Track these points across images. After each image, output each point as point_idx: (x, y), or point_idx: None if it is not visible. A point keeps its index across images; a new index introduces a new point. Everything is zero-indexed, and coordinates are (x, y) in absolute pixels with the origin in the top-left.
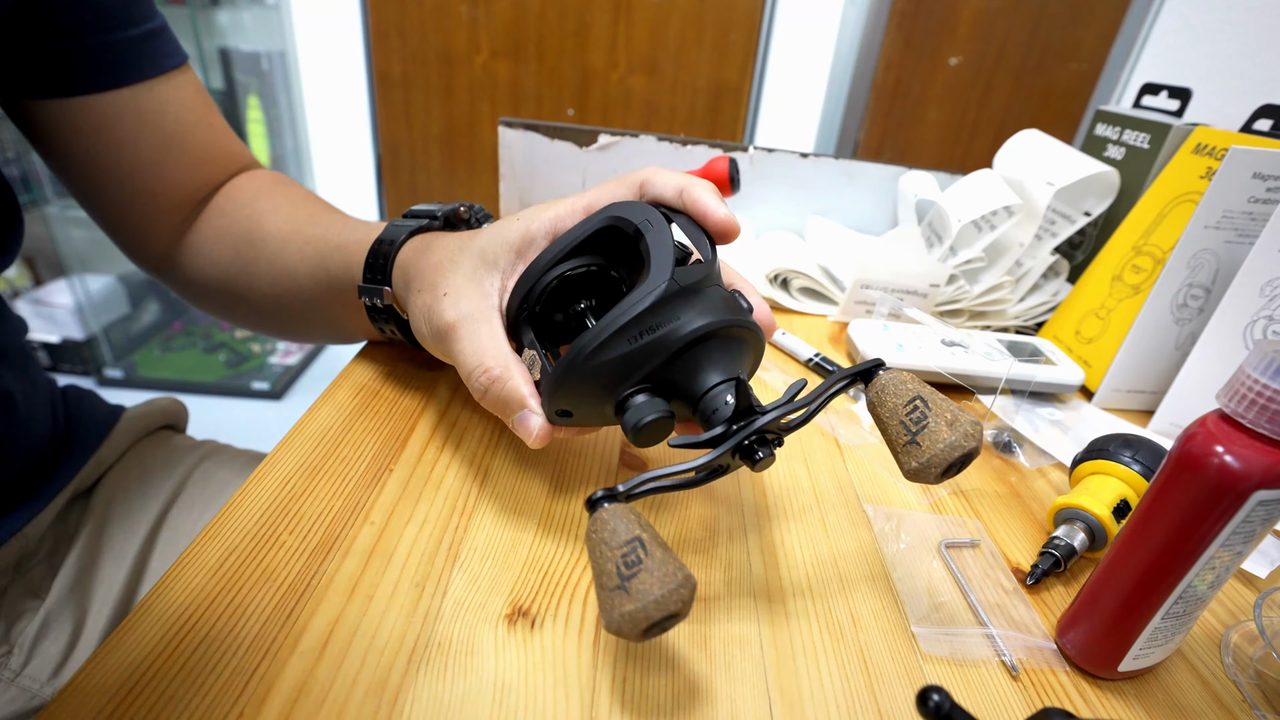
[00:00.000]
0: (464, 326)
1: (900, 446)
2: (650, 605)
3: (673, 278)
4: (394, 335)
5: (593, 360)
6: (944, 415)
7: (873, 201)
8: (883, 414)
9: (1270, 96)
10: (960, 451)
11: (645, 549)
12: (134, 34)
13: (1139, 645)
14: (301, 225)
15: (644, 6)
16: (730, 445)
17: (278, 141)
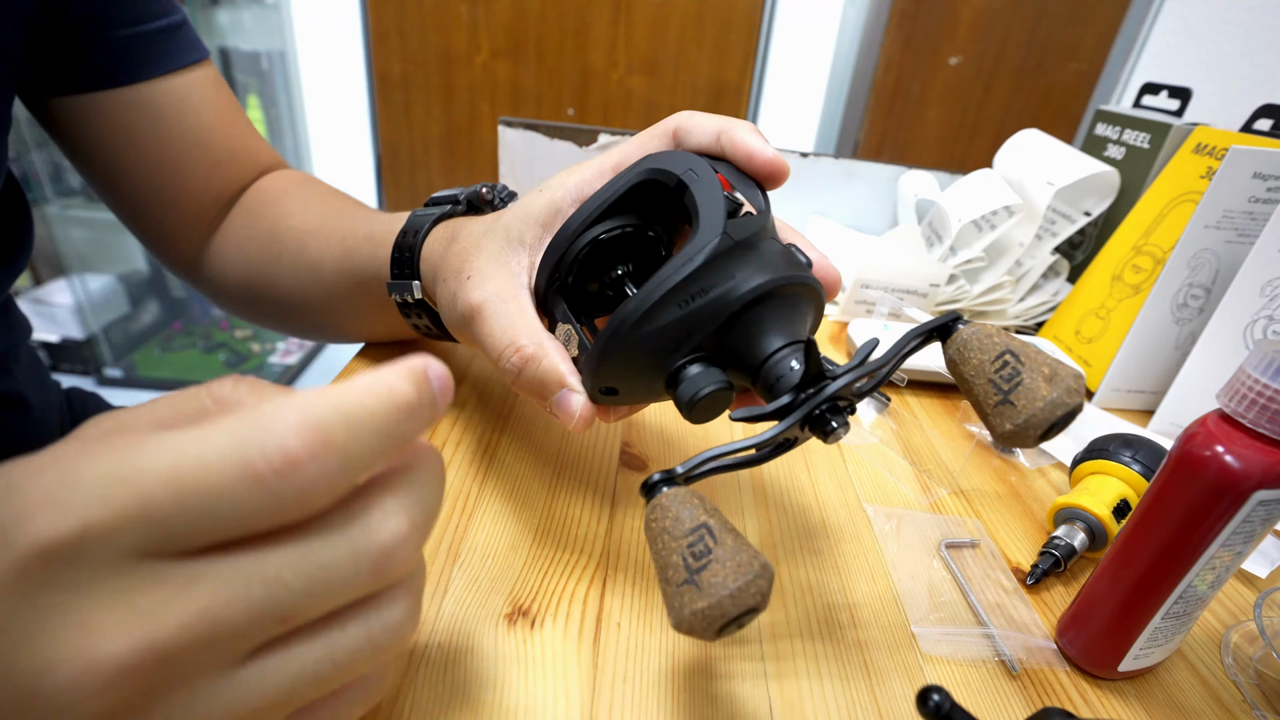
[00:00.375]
0: (490, 306)
1: (990, 407)
2: (725, 600)
3: (726, 232)
4: (429, 328)
5: (640, 329)
6: (1040, 369)
7: (873, 201)
8: (966, 372)
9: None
10: (1064, 409)
11: (714, 536)
12: (152, 28)
13: (1139, 645)
14: (326, 218)
15: (644, 6)
16: (800, 415)
17: (278, 141)
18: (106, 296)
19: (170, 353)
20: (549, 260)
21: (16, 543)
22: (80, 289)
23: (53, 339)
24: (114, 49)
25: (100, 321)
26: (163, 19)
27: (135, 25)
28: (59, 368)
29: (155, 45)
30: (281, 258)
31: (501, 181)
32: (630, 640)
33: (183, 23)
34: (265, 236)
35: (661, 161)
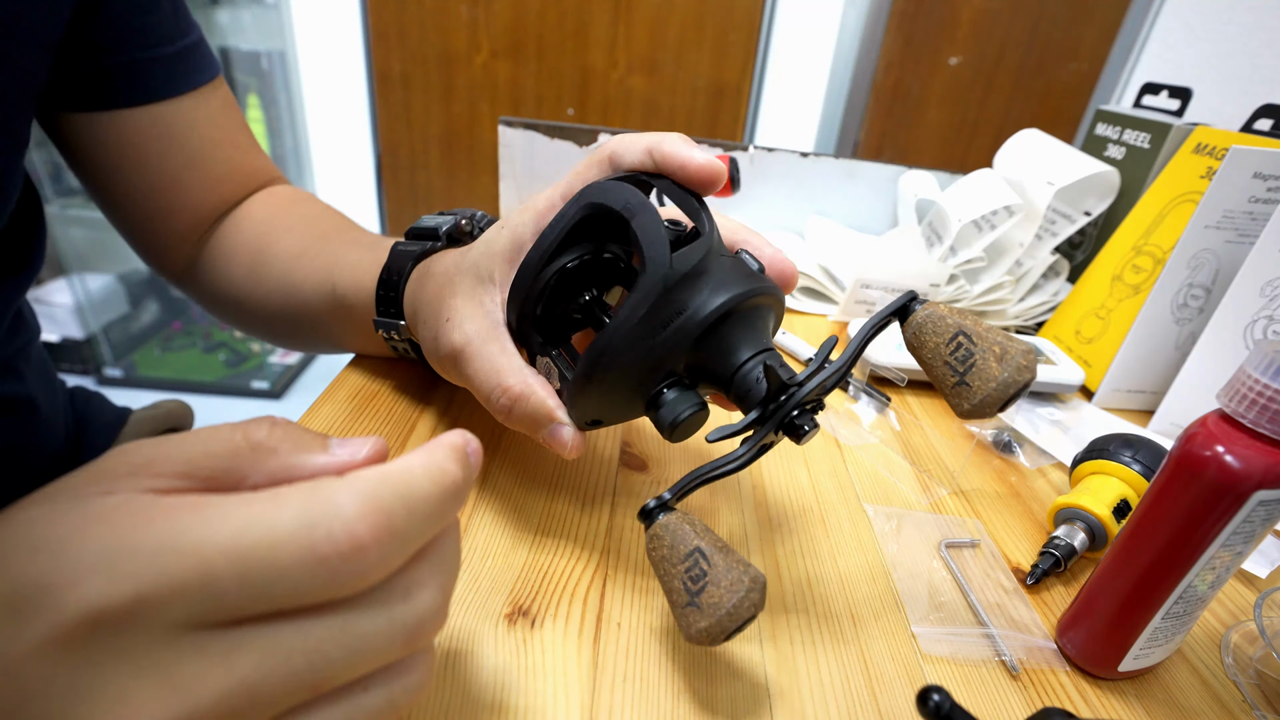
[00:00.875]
0: (472, 348)
1: (949, 388)
2: (724, 618)
3: (671, 265)
4: (407, 352)
5: (612, 367)
6: (991, 349)
7: (873, 201)
8: (924, 355)
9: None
10: (1015, 387)
11: (707, 559)
12: (171, 51)
13: (1139, 645)
14: (312, 243)
15: (644, 6)
16: (772, 426)
17: (278, 141)
18: (106, 296)
19: (170, 352)
20: (515, 297)
21: (67, 606)
22: (80, 289)
23: (53, 339)
24: (132, 70)
25: (100, 321)
26: (183, 39)
27: (155, 48)
28: (59, 367)
29: (171, 67)
30: (266, 281)
31: (501, 182)
32: (630, 640)
33: (198, 43)
34: (251, 259)
35: (598, 196)
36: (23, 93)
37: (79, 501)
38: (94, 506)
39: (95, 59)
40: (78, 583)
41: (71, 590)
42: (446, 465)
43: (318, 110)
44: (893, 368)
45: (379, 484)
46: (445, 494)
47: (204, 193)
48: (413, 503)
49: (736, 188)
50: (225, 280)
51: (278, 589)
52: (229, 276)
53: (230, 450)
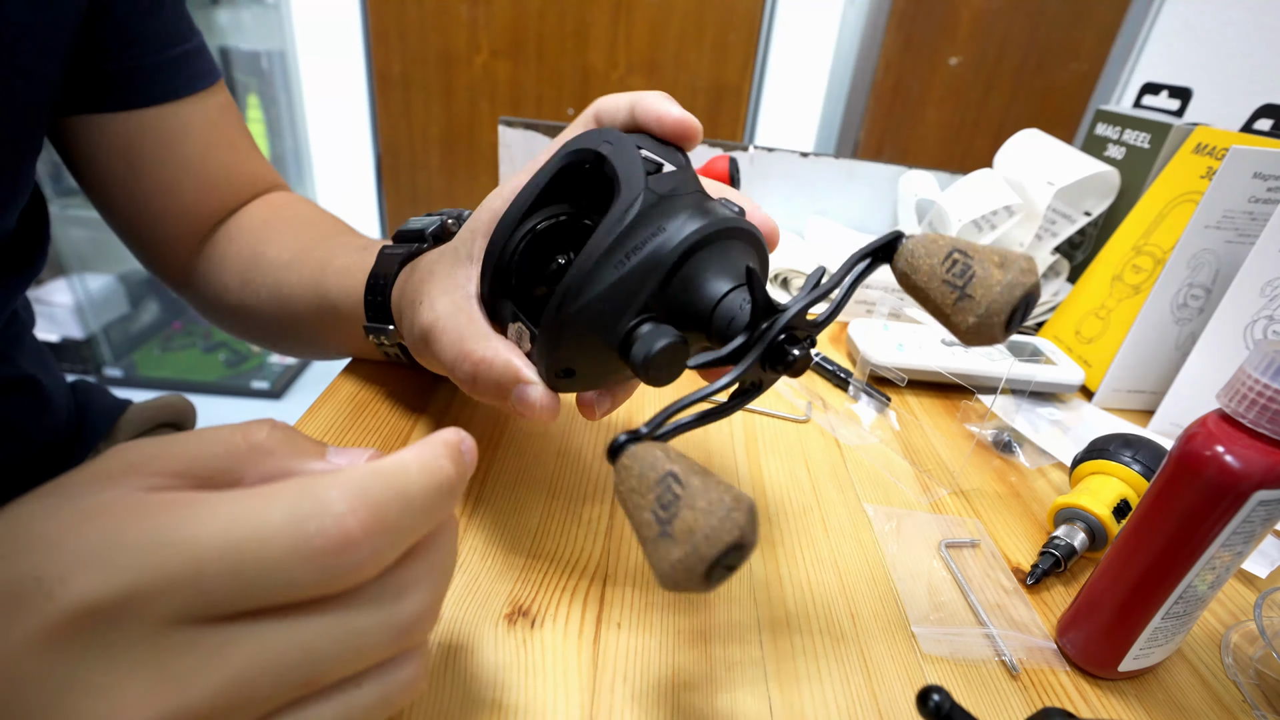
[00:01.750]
0: (440, 323)
1: (950, 306)
2: (701, 544)
3: (648, 187)
4: (399, 357)
5: (581, 300)
6: (990, 258)
7: (873, 201)
8: (918, 281)
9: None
10: (1021, 290)
11: (681, 481)
12: (170, 55)
13: (1139, 645)
14: (302, 250)
15: (644, 6)
16: (758, 352)
17: (278, 141)
18: (106, 296)
19: (170, 352)
20: (489, 262)
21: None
22: (80, 288)
23: (53, 338)
24: (132, 74)
25: (100, 321)
26: (184, 44)
27: (156, 53)
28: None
29: (171, 71)
30: (260, 289)
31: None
32: (630, 640)
33: (200, 47)
34: (245, 267)
35: (579, 142)
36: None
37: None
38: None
39: (97, 63)
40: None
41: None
42: (440, 461)
43: (318, 110)
44: (893, 368)
45: (371, 479)
46: (438, 489)
47: (201, 197)
48: (405, 498)
49: (736, 188)
50: (220, 288)
51: (268, 583)
52: (223, 284)
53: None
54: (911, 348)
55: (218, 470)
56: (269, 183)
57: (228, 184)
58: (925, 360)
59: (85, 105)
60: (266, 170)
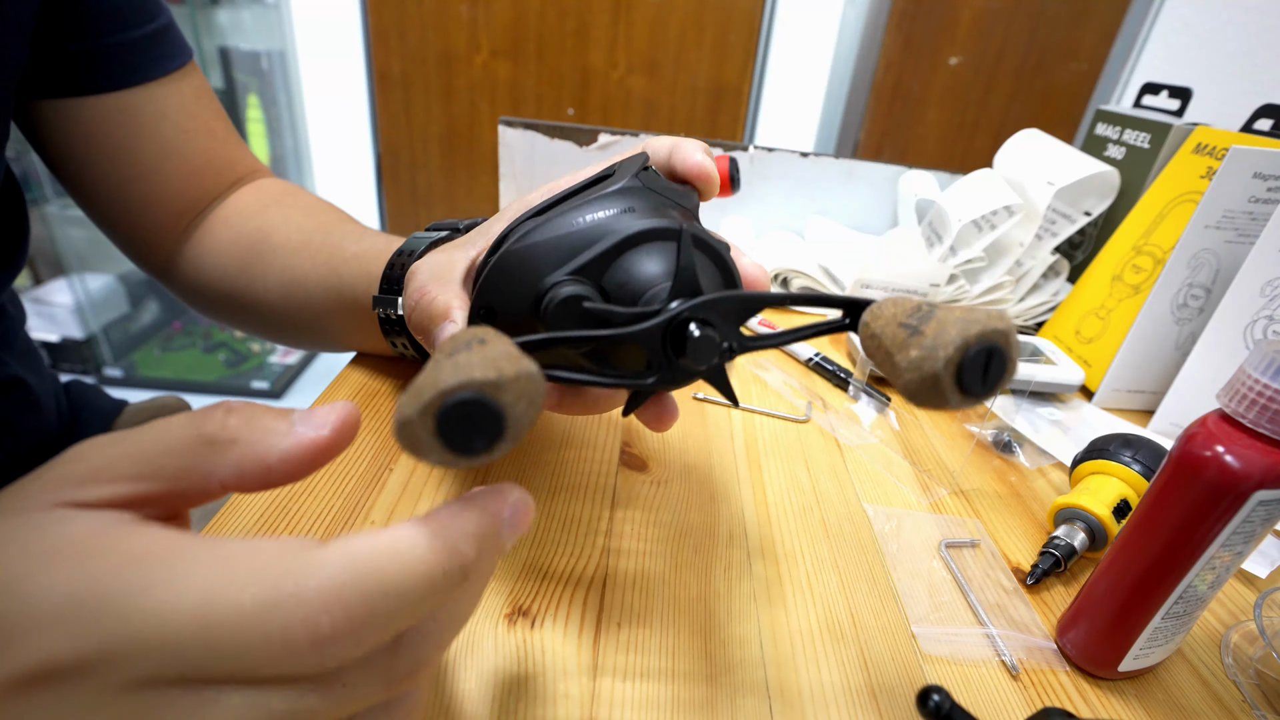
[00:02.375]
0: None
1: (897, 346)
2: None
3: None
4: (405, 349)
5: (524, 241)
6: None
7: (873, 201)
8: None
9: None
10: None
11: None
12: (138, 35)
13: (1139, 645)
14: (313, 235)
15: (644, 6)
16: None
17: (277, 141)
18: (106, 296)
19: (170, 352)
20: None
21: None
22: (80, 289)
23: (52, 339)
24: (98, 55)
25: (100, 321)
26: (151, 24)
27: (123, 31)
28: (59, 367)
29: (140, 52)
30: (267, 274)
31: (501, 182)
32: (630, 640)
33: (169, 26)
34: (247, 251)
35: None
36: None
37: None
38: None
39: (61, 44)
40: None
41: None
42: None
43: (318, 110)
44: None
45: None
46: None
47: (181, 183)
48: (391, 595)
49: (736, 188)
50: (217, 273)
51: (240, 663)
52: (221, 269)
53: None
54: None
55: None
56: (251, 168)
57: (209, 169)
58: None
59: (53, 89)
60: (246, 154)
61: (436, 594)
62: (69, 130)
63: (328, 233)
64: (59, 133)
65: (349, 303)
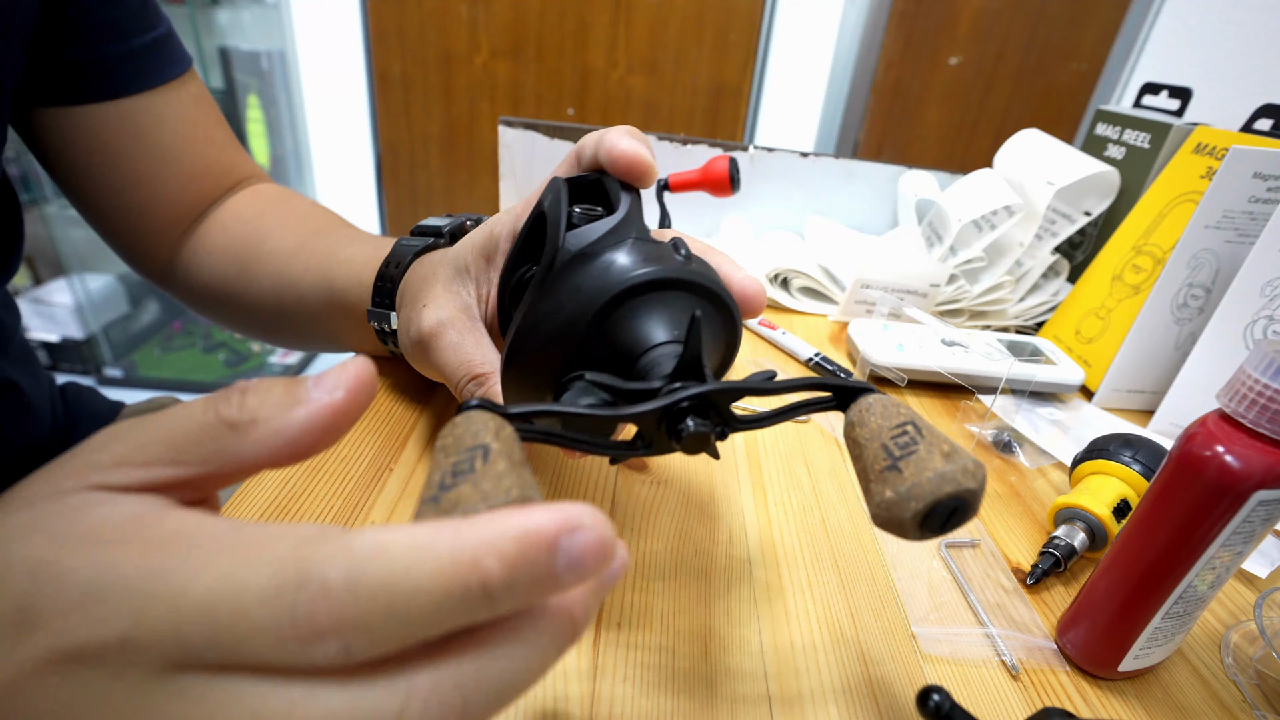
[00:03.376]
0: (445, 333)
1: (875, 473)
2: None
3: (561, 245)
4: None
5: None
6: (940, 445)
7: (873, 201)
8: (861, 435)
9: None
10: (953, 487)
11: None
12: (137, 44)
13: (1139, 645)
14: (307, 239)
15: (644, 6)
16: (657, 405)
17: (277, 141)
18: (106, 296)
19: (170, 352)
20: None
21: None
22: (80, 289)
23: (53, 339)
24: (100, 64)
25: (100, 321)
26: (149, 33)
27: (122, 41)
28: (59, 367)
29: (140, 60)
30: (261, 278)
31: (501, 182)
32: (630, 641)
33: (168, 35)
34: (243, 255)
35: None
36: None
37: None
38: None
39: (62, 52)
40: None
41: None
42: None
43: (318, 110)
44: (893, 368)
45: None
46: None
47: (179, 189)
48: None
49: (736, 188)
50: (215, 277)
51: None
52: (218, 273)
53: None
54: (911, 348)
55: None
56: (248, 173)
57: (208, 174)
58: (925, 360)
59: (54, 97)
60: (245, 160)
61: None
62: (69, 137)
63: (320, 236)
64: (59, 140)
65: (341, 307)
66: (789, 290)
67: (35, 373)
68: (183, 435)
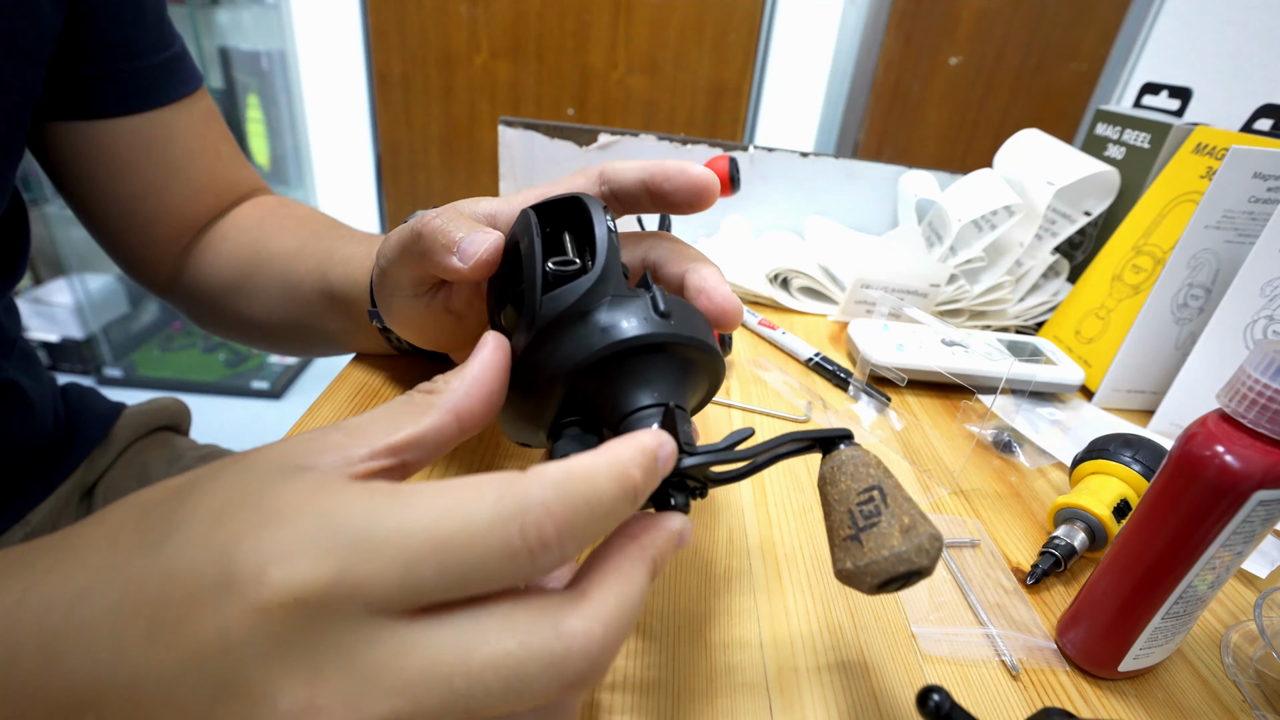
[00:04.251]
0: None
1: (839, 540)
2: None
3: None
4: (400, 343)
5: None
6: (900, 518)
7: (873, 201)
8: (831, 495)
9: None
10: (906, 566)
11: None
12: (153, 62)
13: (1139, 645)
14: (306, 240)
15: (644, 6)
16: None
17: (277, 141)
18: (106, 296)
19: (170, 352)
20: None
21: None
22: (80, 289)
23: (52, 339)
24: (114, 81)
25: (100, 321)
26: (165, 51)
27: (138, 59)
28: (59, 367)
29: (154, 78)
30: (265, 284)
31: (501, 182)
32: (630, 640)
33: (182, 53)
34: (245, 262)
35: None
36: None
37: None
38: (300, 483)
39: (78, 69)
40: (283, 561)
41: (276, 568)
42: (632, 471)
43: (318, 110)
44: (893, 368)
45: (566, 479)
46: (623, 498)
47: (185, 202)
48: (594, 503)
49: (736, 187)
50: (218, 286)
51: (471, 579)
52: (221, 281)
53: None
54: (911, 347)
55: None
56: (253, 187)
57: (213, 189)
58: (925, 360)
59: (67, 112)
60: (250, 175)
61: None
62: (80, 150)
63: (319, 238)
64: (69, 152)
65: (341, 306)
66: (789, 290)
67: (37, 374)
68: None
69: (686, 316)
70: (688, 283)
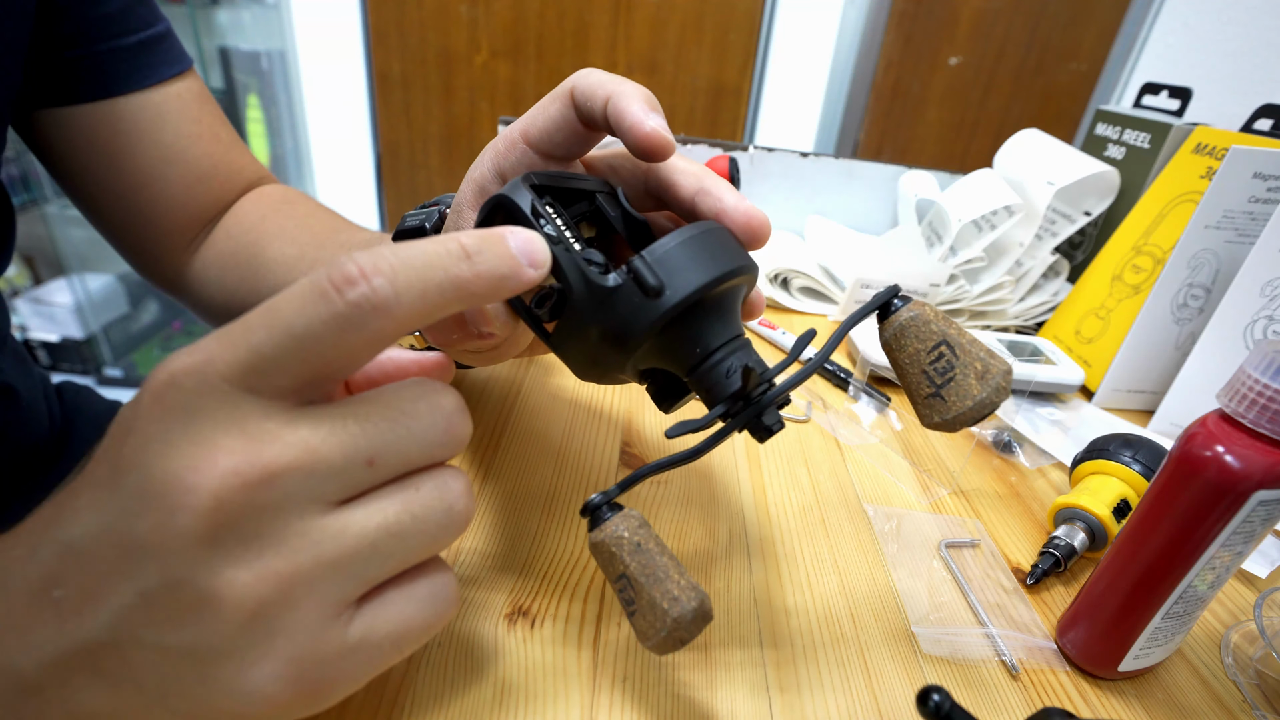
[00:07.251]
0: None
1: (921, 399)
2: None
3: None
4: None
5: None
6: (974, 365)
7: (873, 201)
8: (901, 359)
9: (1270, 96)
10: (991, 408)
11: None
12: (133, 41)
13: (1139, 645)
14: (306, 248)
15: (644, 6)
16: (738, 425)
17: (277, 141)
18: (106, 296)
19: (170, 353)
20: None
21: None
22: (80, 289)
23: (52, 339)
24: (93, 63)
25: (100, 321)
26: (145, 30)
27: (117, 38)
28: (59, 367)
29: (136, 58)
30: (264, 291)
31: None
32: (630, 640)
33: (165, 34)
34: (247, 264)
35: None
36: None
37: None
38: None
39: (56, 52)
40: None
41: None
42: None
43: (318, 110)
44: None
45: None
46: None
47: (184, 191)
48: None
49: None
50: (219, 288)
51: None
52: (224, 283)
53: None
54: None
55: None
56: (257, 175)
57: (214, 175)
58: None
59: (51, 98)
60: (251, 161)
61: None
62: (68, 139)
63: (321, 246)
64: (59, 142)
65: None
66: (789, 290)
67: (29, 373)
68: None
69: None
70: (699, 206)
